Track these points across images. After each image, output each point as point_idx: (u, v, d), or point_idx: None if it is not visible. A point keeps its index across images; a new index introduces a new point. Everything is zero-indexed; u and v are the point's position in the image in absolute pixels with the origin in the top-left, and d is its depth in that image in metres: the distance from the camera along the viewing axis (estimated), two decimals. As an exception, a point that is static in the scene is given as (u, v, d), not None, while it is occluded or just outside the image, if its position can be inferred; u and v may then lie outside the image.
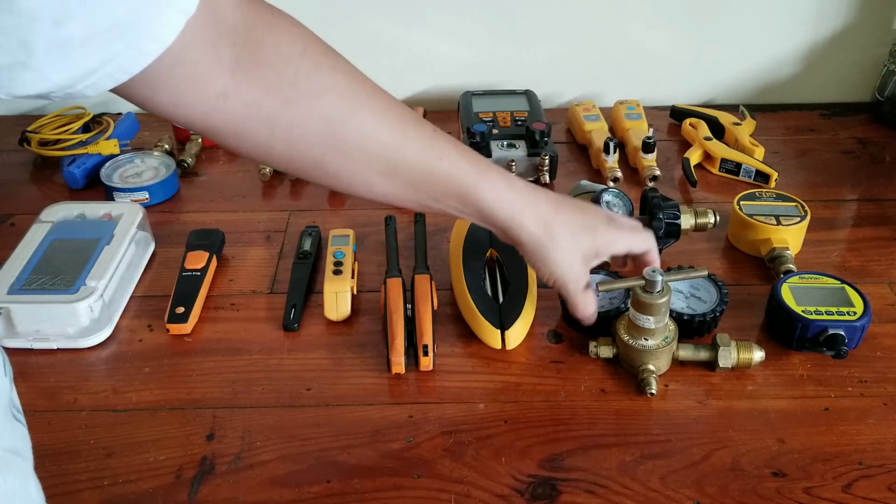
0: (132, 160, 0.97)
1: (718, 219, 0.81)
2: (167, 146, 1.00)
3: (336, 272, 0.76)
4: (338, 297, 0.74)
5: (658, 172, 0.94)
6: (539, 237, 0.63)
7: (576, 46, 1.12)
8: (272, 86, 0.50)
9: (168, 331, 0.73)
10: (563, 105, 1.15)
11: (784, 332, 0.71)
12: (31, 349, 0.71)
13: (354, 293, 0.77)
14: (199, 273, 0.78)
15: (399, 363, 0.68)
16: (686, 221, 0.80)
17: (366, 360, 0.71)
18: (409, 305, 0.72)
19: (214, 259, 0.81)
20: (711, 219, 0.81)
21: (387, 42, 1.10)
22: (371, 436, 0.63)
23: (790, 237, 0.81)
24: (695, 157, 0.97)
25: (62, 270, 0.75)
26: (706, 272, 0.68)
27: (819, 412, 0.65)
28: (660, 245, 0.80)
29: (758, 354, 0.68)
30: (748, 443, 0.62)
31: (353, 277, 0.77)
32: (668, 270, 0.71)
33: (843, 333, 0.67)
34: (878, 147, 1.04)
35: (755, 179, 0.95)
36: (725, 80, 1.15)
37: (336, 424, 0.64)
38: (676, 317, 0.70)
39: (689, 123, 1.04)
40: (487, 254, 0.78)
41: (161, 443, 0.63)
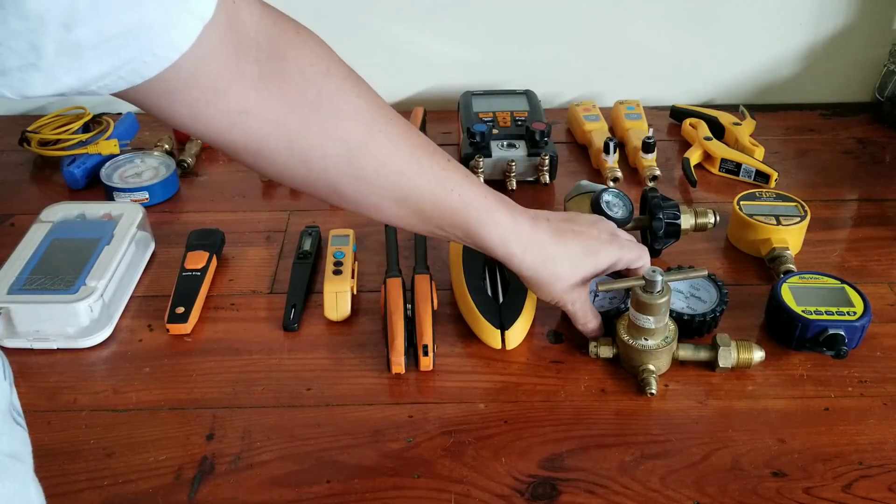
0: (132, 160, 0.97)
1: (718, 219, 0.81)
2: (167, 146, 1.00)
3: (336, 272, 0.76)
4: (338, 297, 0.74)
5: (658, 172, 0.94)
6: (539, 272, 0.64)
7: (576, 46, 1.12)
8: (294, 105, 0.50)
9: (168, 331, 0.73)
10: (563, 105, 1.15)
11: (784, 332, 0.71)
12: (31, 349, 0.71)
13: (354, 293, 0.77)
14: (199, 273, 0.78)
15: (399, 363, 0.68)
16: (686, 221, 0.80)
17: (366, 360, 0.71)
18: (409, 305, 0.72)
19: (214, 259, 0.81)
20: (711, 219, 0.81)
21: (387, 42, 1.10)
22: (371, 436, 0.63)
23: (790, 237, 0.81)
24: (695, 157, 0.97)
25: (62, 270, 0.75)
26: (706, 272, 0.68)
27: (819, 412, 0.65)
28: (660, 245, 0.81)
29: (758, 354, 0.67)
30: (748, 443, 0.62)
31: (353, 277, 0.77)
32: (668, 270, 0.71)
33: (843, 333, 0.67)
34: (878, 147, 1.04)
35: (755, 179, 0.95)
36: (725, 80, 1.15)
37: (336, 424, 0.64)
38: (676, 317, 0.70)
39: (689, 123, 1.04)
40: (487, 254, 0.78)
41: (161, 443, 0.63)
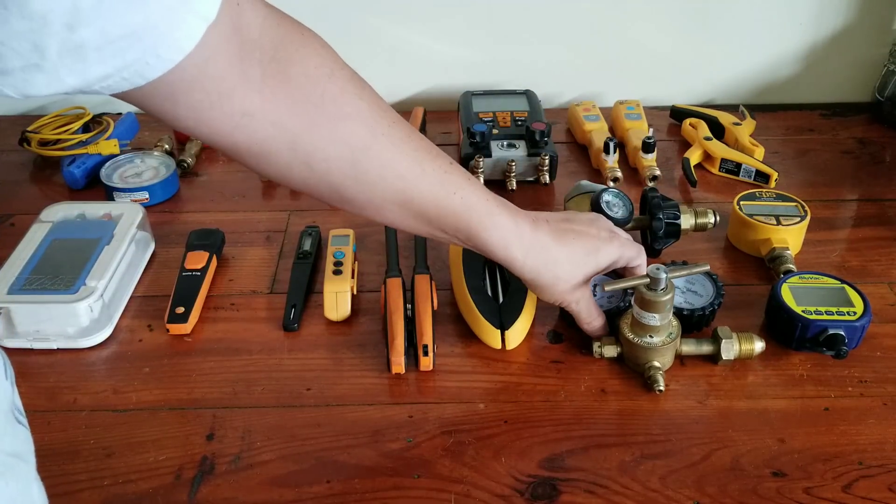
0: (132, 160, 0.97)
1: (718, 219, 0.81)
2: (167, 146, 1.00)
3: (336, 272, 0.76)
4: (338, 297, 0.74)
5: (658, 172, 0.94)
6: (541, 273, 0.64)
7: (576, 46, 1.12)
8: (298, 107, 0.49)
9: (168, 331, 0.73)
10: (563, 105, 1.15)
11: (784, 332, 0.71)
12: (31, 349, 0.71)
13: (354, 293, 0.77)
14: (199, 273, 0.78)
15: (399, 363, 0.68)
16: (686, 221, 0.80)
17: (366, 360, 0.71)
18: (409, 305, 0.72)
19: (214, 259, 0.81)
20: (711, 219, 0.81)
21: (387, 42, 1.10)
22: (371, 436, 0.63)
23: (790, 237, 0.81)
24: (695, 157, 0.97)
25: (62, 270, 0.75)
26: (707, 267, 0.68)
27: (819, 412, 0.65)
28: (660, 245, 0.80)
29: (758, 345, 0.68)
30: (748, 443, 0.62)
31: (353, 277, 0.77)
32: (670, 267, 0.71)
33: (843, 333, 0.67)
34: (878, 147, 1.04)
35: (755, 179, 0.95)
36: (725, 80, 1.15)
37: (336, 424, 0.64)
38: (676, 312, 0.70)
39: (689, 123, 1.04)
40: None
41: (161, 443, 0.63)
